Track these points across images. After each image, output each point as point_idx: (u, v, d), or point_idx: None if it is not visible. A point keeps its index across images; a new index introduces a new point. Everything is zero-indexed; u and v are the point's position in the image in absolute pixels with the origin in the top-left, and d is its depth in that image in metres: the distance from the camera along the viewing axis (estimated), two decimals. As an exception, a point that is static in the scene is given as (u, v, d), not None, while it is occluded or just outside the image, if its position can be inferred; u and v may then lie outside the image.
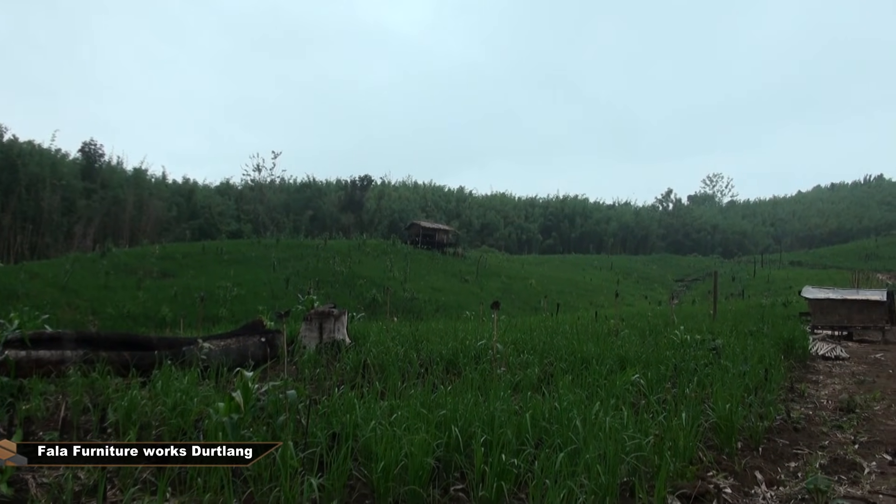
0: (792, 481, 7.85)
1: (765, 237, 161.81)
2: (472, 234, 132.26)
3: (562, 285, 75.36)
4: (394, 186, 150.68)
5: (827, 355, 21.41)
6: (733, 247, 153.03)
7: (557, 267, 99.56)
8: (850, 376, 17.65)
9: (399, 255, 72.90)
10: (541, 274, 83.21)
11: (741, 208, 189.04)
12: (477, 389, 9.23)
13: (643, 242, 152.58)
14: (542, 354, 13.70)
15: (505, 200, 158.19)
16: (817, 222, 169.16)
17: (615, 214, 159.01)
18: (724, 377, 11.29)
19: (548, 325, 21.73)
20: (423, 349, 14.10)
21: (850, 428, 11.09)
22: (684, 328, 18.53)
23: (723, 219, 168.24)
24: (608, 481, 6.05)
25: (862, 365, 20.14)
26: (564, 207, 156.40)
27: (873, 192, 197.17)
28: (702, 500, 6.67)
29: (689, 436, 7.67)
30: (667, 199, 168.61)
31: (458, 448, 6.81)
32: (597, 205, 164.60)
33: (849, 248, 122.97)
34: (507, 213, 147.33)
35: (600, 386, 10.06)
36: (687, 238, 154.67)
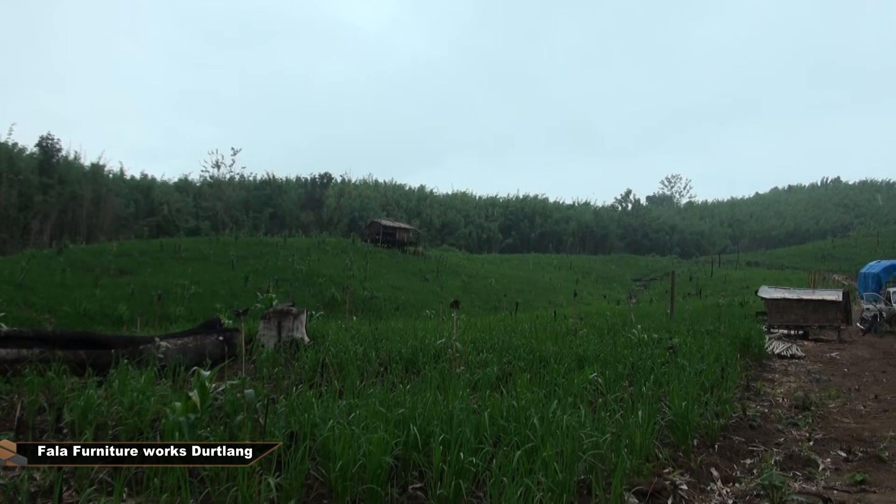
0: (747, 478, 7.96)
1: (722, 238, 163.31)
2: (432, 232, 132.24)
3: (521, 284, 75.56)
4: (354, 184, 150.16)
5: (783, 354, 21.68)
6: (691, 247, 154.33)
7: (517, 266, 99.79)
8: (805, 375, 17.89)
9: (359, 254, 72.71)
10: (501, 273, 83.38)
11: (699, 209, 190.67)
12: (436, 388, 9.25)
13: (602, 242, 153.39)
14: (501, 353, 13.74)
15: (466, 199, 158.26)
16: (774, 224, 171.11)
17: (575, 214, 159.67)
18: (680, 376, 11.40)
19: (507, 324, 21.80)
20: (383, 348, 14.08)
21: (806, 425, 11.26)
22: (642, 327, 18.67)
23: (681, 219, 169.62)
24: (565, 479, 6.09)
25: (818, 364, 20.41)
26: (524, 207, 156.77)
27: (830, 194, 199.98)
28: (658, 497, 6.74)
29: (645, 434, 7.74)
30: (626, 199, 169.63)
31: (417, 447, 6.82)
32: (556, 204, 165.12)
33: (805, 249, 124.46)
34: (467, 213, 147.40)
35: (558, 384, 10.12)
36: (645, 238, 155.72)
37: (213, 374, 7.81)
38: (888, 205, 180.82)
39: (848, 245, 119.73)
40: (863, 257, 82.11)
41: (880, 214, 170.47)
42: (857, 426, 11.52)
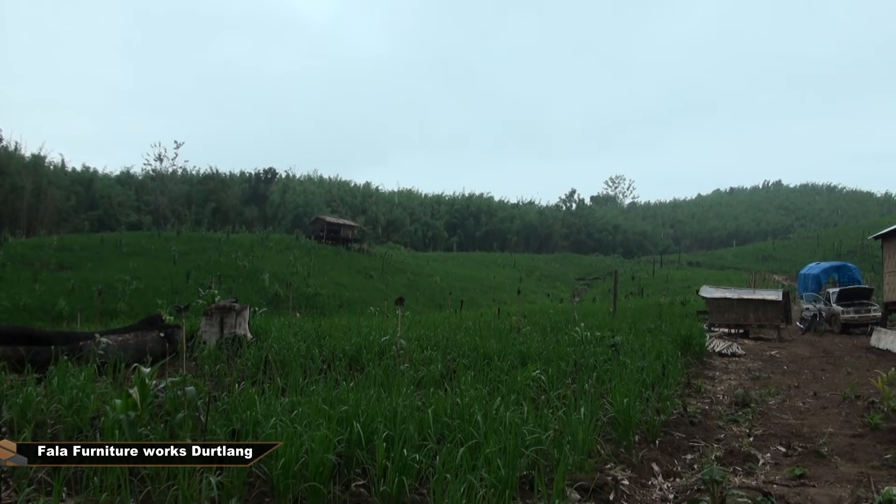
0: (688, 473, 8.06)
1: (664, 238, 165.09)
2: (377, 230, 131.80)
3: (466, 282, 75.73)
4: (299, 180, 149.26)
5: (724, 352, 22.00)
6: (634, 247, 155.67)
7: (462, 264, 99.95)
8: (745, 372, 18.16)
9: (303, 250, 72.25)
10: (446, 271, 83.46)
11: (642, 210, 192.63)
12: (380, 385, 9.23)
13: (546, 241, 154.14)
14: (445, 351, 13.76)
15: (411, 197, 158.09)
16: (716, 225, 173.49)
17: (519, 213, 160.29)
18: (622, 373, 11.51)
19: (452, 321, 21.84)
20: (326, 345, 14.02)
21: (746, 421, 11.44)
22: (585, 325, 18.80)
23: (624, 219, 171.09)
24: (508, 475, 6.11)
25: (758, 361, 20.74)
26: (470, 205, 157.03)
27: (771, 197, 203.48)
28: (600, 492, 6.79)
29: (588, 430, 7.80)
30: (570, 199, 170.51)
31: (360, 444, 6.80)
32: (502, 203, 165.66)
33: (746, 250, 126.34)
34: (413, 210, 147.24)
35: (502, 381, 10.16)
36: (589, 238, 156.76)
37: (153, 371, 7.72)
38: (828, 208, 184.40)
39: (788, 247, 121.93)
40: (803, 259, 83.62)
41: (820, 217, 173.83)
42: (796, 422, 11.72)
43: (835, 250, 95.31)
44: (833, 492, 7.63)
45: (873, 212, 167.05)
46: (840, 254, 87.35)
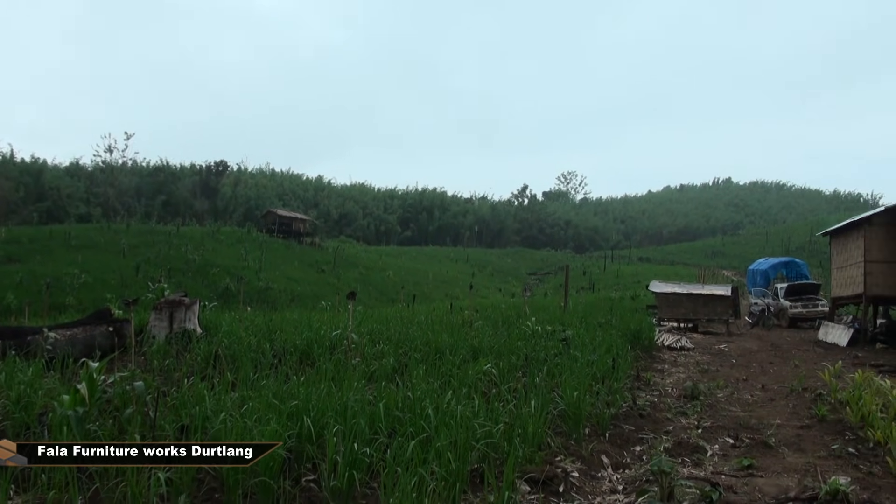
0: (637, 464, 8.15)
1: (615, 234, 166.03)
2: (330, 223, 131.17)
3: (419, 277, 75.66)
4: (251, 173, 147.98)
5: (673, 346, 22.24)
6: (585, 242, 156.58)
7: (415, 258, 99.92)
8: (694, 366, 18.38)
9: (254, 244, 71.68)
10: (398, 265, 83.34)
11: (593, 205, 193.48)
12: (331, 380, 9.21)
13: (499, 236, 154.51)
14: (397, 345, 13.76)
15: (364, 191, 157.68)
16: (666, 221, 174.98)
17: (472, 208, 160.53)
18: (573, 366, 11.59)
19: (404, 315, 21.82)
20: (277, 340, 13.97)
21: (694, 414, 11.59)
22: (536, 320, 18.90)
23: (576, 215, 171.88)
24: (458, 468, 6.13)
25: (706, 355, 21.00)
26: (423, 200, 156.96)
27: (721, 193, 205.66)
28: (550, 484, 6.85)
29: (538, 423, 7.85)
30: (522, 194, 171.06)
31: (311, 439, 6.78)
32: (455, 198, 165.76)
33: (696, 246, 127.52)
34: (366, 204, 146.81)
35: (453, 375, 10.19)
36: (541, 233, 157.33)
37: (102, 366, 7.64)
38: (777, 205, 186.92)
39: (737, 243, 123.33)
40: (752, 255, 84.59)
41: (769, 214, 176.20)
42: (744, 414, 11.89)
43: (783, 247, 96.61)
44: (780, 482, 7.75)
45: (822, 209, 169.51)
46: (789, 250, 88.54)
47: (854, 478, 7.78)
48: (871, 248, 29.71)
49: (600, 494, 7.08)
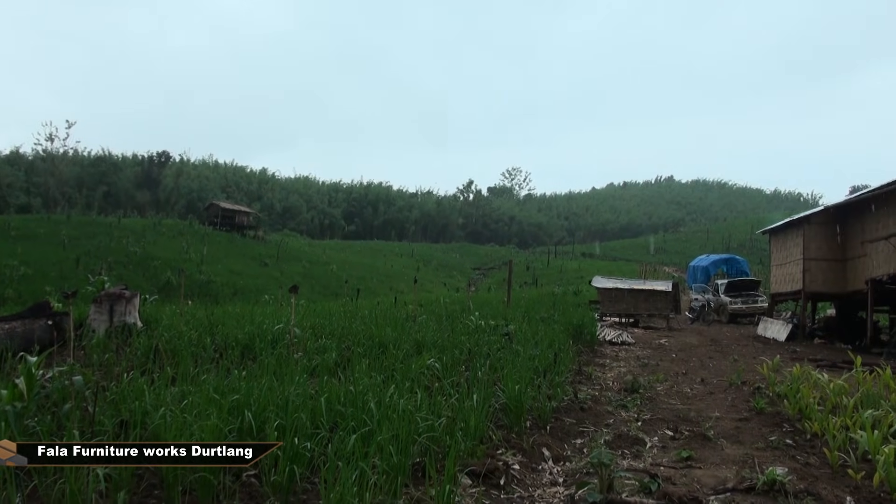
0: (578, 457, 8.25)
1: (559, 230, 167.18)
2: (273, 217, 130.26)
3: (363, 271, 75.43)
4: (193, 165, 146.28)
5: (614, 341, 22.49)
6: (529, 238, 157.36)
7: (359, 253, 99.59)
8: (635, 360, 18.61)
9: (196, 237, 70.90)
10: (343, 259, 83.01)
11: (538, 201, 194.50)
12: (273, 374, 9.14)
13: (444, 231, 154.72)
14: (340, 339, 13.73)
15: (309, 184, 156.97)
16: (609, 218, 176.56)
17: (418, 203, 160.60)
18: (515, 361, 11.65)
19: (347, 310, 21.75)
20: (219, 334, 13.83)
21: (634, 407, 11.76)
22: (480, 314, 18.97)
23: (520, 211, 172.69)
24: (400, 462, 6.14)
25: (647, 349, 21.25)
26: (368, 194, 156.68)
27: (663, 191, 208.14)
28: (491, 477, 6.89)
29: (480, 416, 7.89)
30: (468, 189, 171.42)
31: (252, 433, 6.74)
32: (400, 192, 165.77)
33: (638, 243, 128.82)
34: (310, 198, 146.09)
35: (397, 370, 10.18)
36: (486, 228, 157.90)
37: (40, 360, 7.53)
38: (719, 203, 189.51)
39: (679, 240, 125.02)
40: (693, 251, 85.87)
41: (711, 212, 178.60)
42: (683, 407, 12.07)
43: (724, 244, 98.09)
44: (718, 473, 7.89)
45: (762, 208, 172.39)
46: (729, 247, 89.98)
47: (791, 468, 7.95)
48: (810, 247, 30.31)
49: (541, 487, 7.14)
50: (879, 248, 26.75)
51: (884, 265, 26.42)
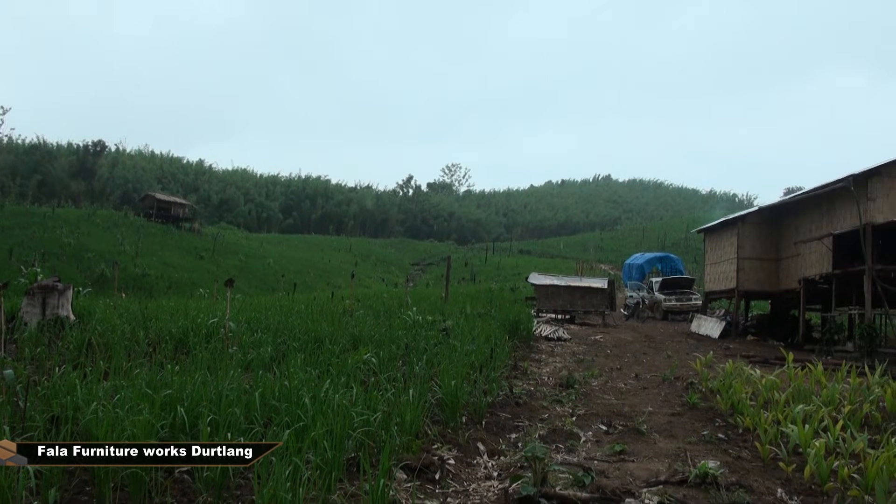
0: (512, 451, 8.32)
1: (497, 226, 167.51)
2: (210, 209, 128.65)
3: (300, 265, 74.98)
4: (129, 154, 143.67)
5: (550, 336, 22.67)
6: (468, 234, 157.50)
7: (297, 247, 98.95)
8: (570, 356, 18.78)
9: (131, 229, 69.83)
10: (280, 253, 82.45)
11: (477, 198, 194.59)
12: (206, 369, 9.07)
13: (382, 226, 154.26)
14: (276, 334, 13.68)
15: (246, 176, 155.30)
16: (547, 215, 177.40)
17: (357, 197, 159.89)
18: (452, 356, 11.69)
19: (284, 304, 21.67)
20: (152, 327, 13.71)
21: (569, 402, 11.89)
22: (417, 310, 19.02)
23: (459, 207, 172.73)
24: (334, 457, 6.13)
25: (582, 345, 21.46)
26: (307, 187, 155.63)
27: (601, 190, 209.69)
28: (426, 472, 6.91)
29: (416, 411, 7.91)
30: (407, 185, 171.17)
31: (185, 429, 6.68)
32: (339, 186, 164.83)
33: (575, 240, 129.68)
34: (247, 190, 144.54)
35: (332, 364, 10.15)
36: (425, 224, 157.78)
37: (-32, 353, 7.38)
38: (655, 202, 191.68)
39: (615, 238, 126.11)
40: (629, 249, 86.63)
41: (647, 211, 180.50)
42: (617, 402, 12.23)
43: (659, 242, 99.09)
44: (651, 466, 8.02)
45: (698, 208, 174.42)
46: (664, 246, 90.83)
47: (723, 462, 8.12)
48: (744, 246, 30.89)
49: (475, 481, 7.19)
50: (812, 248, 27.36)
51: (816, 265, 27.03)
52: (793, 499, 7.09)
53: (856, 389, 11.60)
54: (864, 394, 11.40)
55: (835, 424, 8.64)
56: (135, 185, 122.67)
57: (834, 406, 10.52)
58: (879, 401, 11.24)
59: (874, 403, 10.92)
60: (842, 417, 9.37)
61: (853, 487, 6.86)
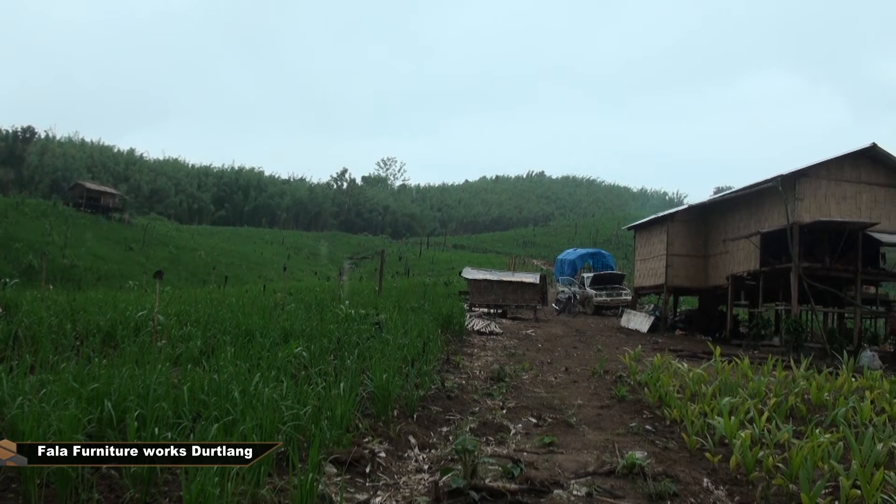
0: (443, 444, 8.38)
1: (432, 221, 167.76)
2: (140, 199, 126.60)
3: (232, 258, 74.36)
4: (59, 142, 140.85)
5: (482, 331, 22.82)
6: (402, 228, 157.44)
7: (229, 239, 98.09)
8: (502, 349, 18.93)
9: (60, 218, 68.46)
10: (211, 245, 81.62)
11: (412, 192, 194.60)
12: (135, 362, 8.95)
13: (316, 219, 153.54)
14: (205, 327, 13.56)
15: (178, 167, 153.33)
16: (481, 210, 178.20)
17: (290, 189, 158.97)
18: (384, 350, 11.71)
19: (214, 297, 21.48)
20: (80, 320, 13.52)
21: (500, 395, 12.01)
22: (350, 303, 18.96)
23: (394, 201, 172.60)
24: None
25: (514, 339, 21.64)
26: (239, 179, 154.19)
27: (534, 186, 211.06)
28: (357, 466, 6.93)
29: (347, 405, 7.92)
30: (342, 177, 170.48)
31: (112, 424, 6.60)
32: (272, 178, 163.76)
33: (509, 236, 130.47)
34: (179, 181, 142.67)
35: (263, 358, 10.10)
36: (359, 217, 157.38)
37: None
38: (587, 199, 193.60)
39: (548, 233, 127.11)
40: (561, 245, 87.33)
41: (580, 207, 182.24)
42: (548, 395, 12.37)
43: (591, 238, 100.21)
44: (580, 457, 8.14)
45: (630, 205, 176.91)
46: (596, 242, 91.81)
47: (651, 452, 8.28)
48: (674, 243, 31.44)
49: (406, 474, 7.22)
50: (740, 245, 27.96)
51: (744, 262, 27.63)
52: (719, 488, 7.25)
53: (781, 382, 11.91)
54: (790, 386, 11.72)
55: (760, 416, 8.83)
56: (64, 173, 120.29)
57: (760, 398, 10.77)
58: (804, 393, 11.57)
59: (799, 395, 11.23)
60: (767, 409, 9.58)
61: (778, 476, 7.02)
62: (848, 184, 25.91)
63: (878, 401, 10.80)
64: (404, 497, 6.50)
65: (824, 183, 25.67)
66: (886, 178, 26.43)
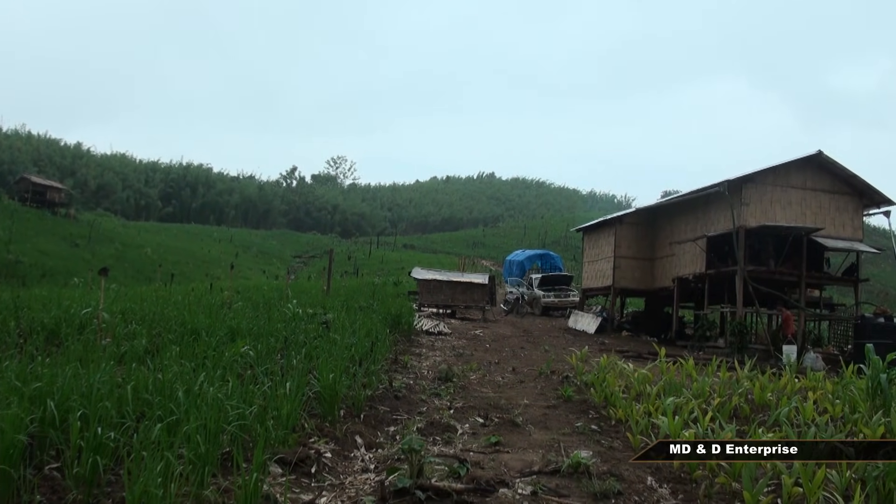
0: (390, 444, 8.42)
1: (382, 220, 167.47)
2: (87, 195, 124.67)
3: (179, 255, 73.65)
4: (5, 134, 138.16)
5: (431, 331, 22.87)
6: (352, 227, 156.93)
7: (176, 236, 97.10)
8: (450, 350, 19.00)
9: (5, 213, 67.24)
10: (158, 243, 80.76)
11: (362, 191, 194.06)
12: (78, 361, 8.85)
13: (265, 217, 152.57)
14: (151, 325, 13.45)
15: (125, 162, 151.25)
16: (431, 210, 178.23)
17: (239, 187, 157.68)
18: (331, 349, 11.70)
19: (160, 295, 21.27)
20: (24, 317, 13.33)
21: (448, 395, 12.07)
22: (298, 302, 18.92)
23: (344, 200, 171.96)
24: (208, 451, 6.08)
25: (462, 340, 21.71)
26: (187, 175, 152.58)
27: (484, 187, 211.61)
28: (302, 466, 6.93)
29: (293, 404, 7.90)
30: (291, 176, 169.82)
31: (55, 423, 6.51)
32: (221, 175, 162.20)
33: (458, 236, 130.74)
34: (126, 176, 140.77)
35: (208, 357, 10.04)
36: (308, 216, 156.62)
37: None
38: (537, 201, 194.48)
39: (497, 234, 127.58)
40: (510, 246, 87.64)
41: (529, 209, 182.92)
42: (494, 395, 12.45)
43: (540, 240, 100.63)
44: (526, 457, 8.21)
45: (579, 207, 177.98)
46: (545, 243, 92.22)
47: (596, 451, 8.40)
48: (621, 245, 31.82)
49: (352, 474, 7.23)
50: (686, 248, 28.34)
51: (690, 265, 28.02)
52: (662, 486, 7.35)
53: (726, 383, 12.08)
54: (734, 387, 11.89)
55: (704, 416, 8.94)
56: (10, 166, 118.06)
57: (704, 398, 10.90)
58: (748, 393, 11.75)
59: (743, 396, 11.40)
60: (711, 409, 9.70)
61: (721, 475, 7.12)
62: (794, 190, 26.42)
63: (821, 401, 10.98)
64: (350, 497, 6.51)
65: (770, 188, 26.14)
66: (831, 184, 27.00)
